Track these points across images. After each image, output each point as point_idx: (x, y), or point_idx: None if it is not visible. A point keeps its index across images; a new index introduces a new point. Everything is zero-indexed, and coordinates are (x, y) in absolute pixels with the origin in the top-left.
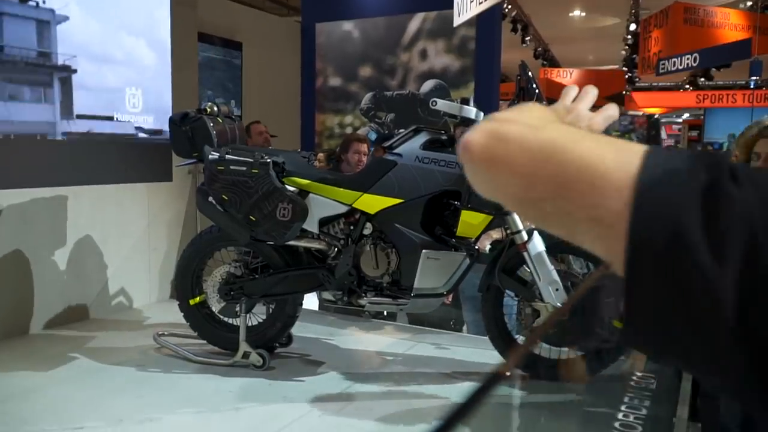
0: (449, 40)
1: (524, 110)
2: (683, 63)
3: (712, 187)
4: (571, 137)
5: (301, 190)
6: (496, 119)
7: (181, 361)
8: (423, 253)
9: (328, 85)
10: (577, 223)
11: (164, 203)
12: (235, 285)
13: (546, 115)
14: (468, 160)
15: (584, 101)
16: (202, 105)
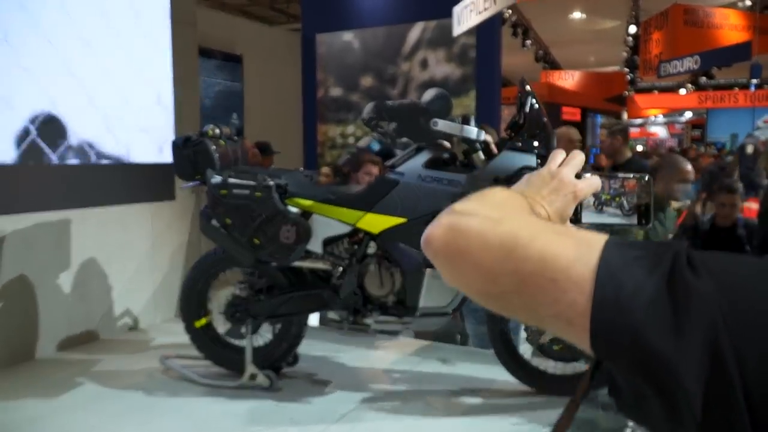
0: (449, 49)
1: (486, 198)
2: (684, 65)
3: (671, 281)
4: (531, 230)
5: (305, 210)
6: (455, 211)
7: (188, 384)
8: (427, 272)
9: (329, 96)
10: (542, 318)
11: (168, 223)
12: (241, 306)
13: (508, 201)
14: (430, 254)
15: (570, 166)
16: (204, 128)
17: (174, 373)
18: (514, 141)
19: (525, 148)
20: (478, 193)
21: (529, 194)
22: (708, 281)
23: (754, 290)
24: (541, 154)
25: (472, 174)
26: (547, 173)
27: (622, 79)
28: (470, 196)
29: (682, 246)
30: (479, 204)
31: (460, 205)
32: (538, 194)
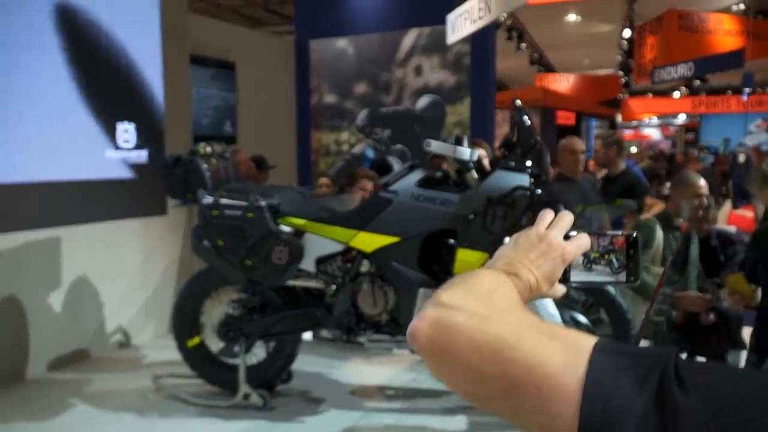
0: (444, 56)
1: (473, 286)
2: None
3: (659, 397)
4: (519, 330)
5: (297, 229)
6: (441, 304)
7: (181, 403)
8: (420, 291)
9: (323, 103)
10: (529, 425)
11: (159, 237)
12: (234, 326)
13: (495, 290)
14: (417, 349)
15: (557, 228)
16: (195, 146)
17: (166, 393)
18: (507, 160)
19: (518, 168)
20: (465, 278)
21: (517, 258)
22: (694, 396)
23: (738, 403)
24: (534, 174)
25: (465, 194)
26: (535, 236)
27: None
28: (456, 280)
29: (671, 357)
30: (466, 295)
31: (447, 295)
32: (526, 258)
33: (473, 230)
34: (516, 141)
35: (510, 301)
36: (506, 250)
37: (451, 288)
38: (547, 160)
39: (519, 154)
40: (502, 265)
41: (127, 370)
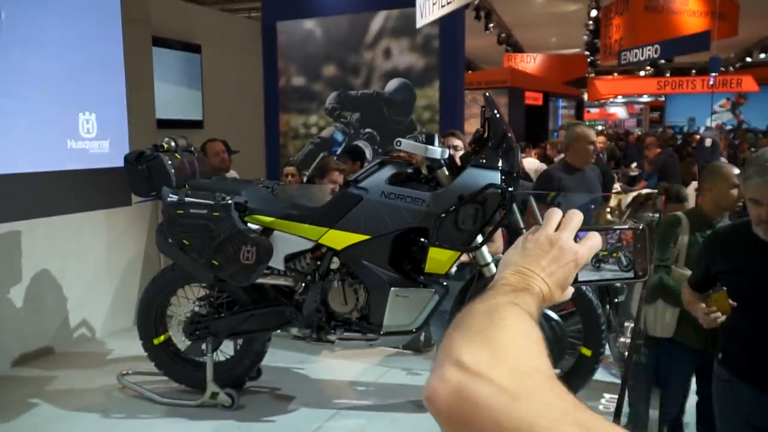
0: (413, 39)
1: (501, 346)
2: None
3: None
4: (550, 419)
5: (266, 227)
6: (464, 368)
7: (147, 403)
8: (392, 290)
9: (291, 85)
10: None
11: (124, 228)
12: (201, 324)
13: (524, 346)
14: (433, 413)
15: (567, 229)
16: (159, 141)
17: (132, 392)
18: (479, 157)
19: (489, 165)
20: (487, 327)
21: (527, 266)
22: None
23: None
24: (505, 170)
25: (436, 192)
26: (545, 239)
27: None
28: (475, 327)
29: None
30: (492, 359)
31: (470, 355)
32: (537, 265)
33: (445, 229)
34: (487, 136)
35: (542, 371)
36: (514, 256)
37: (473, 343)
38: (519, 156)
39: (490, 150)
40: (512, 275)
41: (91, 366)
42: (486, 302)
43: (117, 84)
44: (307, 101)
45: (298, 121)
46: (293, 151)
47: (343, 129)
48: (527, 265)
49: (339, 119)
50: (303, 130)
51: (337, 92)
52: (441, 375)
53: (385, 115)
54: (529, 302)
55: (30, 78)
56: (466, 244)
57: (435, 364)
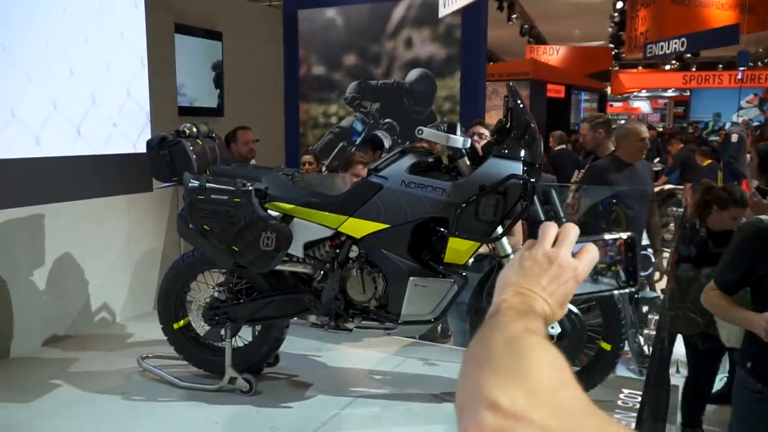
0: (435, 29)
1: (530, 374)
2: (671, 47)
3: None
4: None
5: (285, 214)
6: (502, 411)
7: (166, 386)
8: (410, 280)
9: (311, 74)
10: None
11: (145, 214)
12: (220, 309)
13: (557, 377)
14: None
15: (565, 245)
16: (181, 127)
17: (152, 375)
18: (500, 147)
19: (511, 155)
20: (515, 362)
21: (527, 286)
22: None
23: None
24: (527, 161)
25: (457, 182)
26: (542, 257)
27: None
28: (503, 363)
29: None
30: (530, 398)
31: (505, 396)
32: (537, 285)
33: (465, 219)
34: (510, 126)
35: (581, 404)
36: (512, 276)
37: (505, 382)
38: (541, 147)
39: (512, 140)
40: (513, 297)
41: (112, 349)
42: (500, 332)
43: (140, 70)
44: (328, 90)
45: (318, 111)
46: (312, 141)
47: (363, 119)
48: (527, 285)
49: (359, 109)
50: (323, 120)
51: (357, 82)
52: (477, 421)
53: (405, 106)
54: (539, 326)
55: (55, 64)
56: (486, 234)
57: (463, 409)
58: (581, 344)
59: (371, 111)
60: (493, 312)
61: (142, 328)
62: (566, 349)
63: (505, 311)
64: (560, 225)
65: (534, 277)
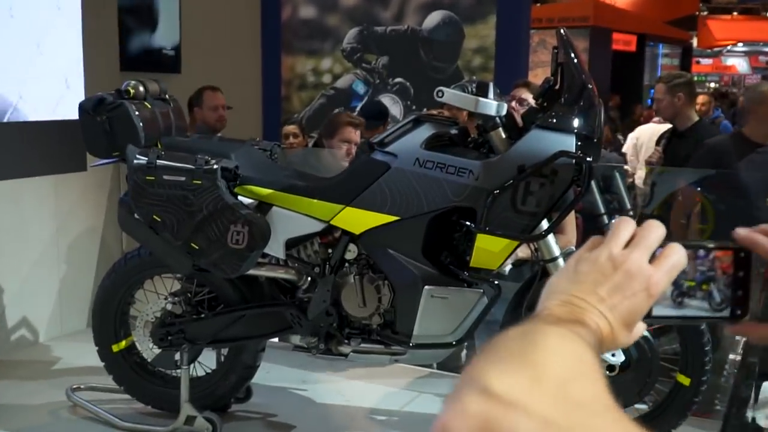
0: None
1: (537, 359)
2: None
3: None
4: None
5: (262, 202)
6: (492, 394)
7: (103, 426)
8: (425, 289)
9: (298, 18)
10: None
11: (77, 200)
12: (174, 327)
13: (573, 368)
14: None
15: (640, 248)
16: (123, 85)
17: (85, 412)
18: (547, 115)
19: (561, 126)
20: (522, 346)
21: (579, 294)
22: None
23: None
24: (583, 134)
25: (488, 160)
26: (606, 260)
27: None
28: (508, 348)
29: None
30: (531, 384)
31: (501, 380)
32: (594, 295)
33: (498, 210)
34: (559, 88)
35: (600, 400)
36: (562, 282)
37: (504, 365)
38: (602, 116)
39: (563, 106)
40: (559, 307)
41: (33, 378)
42: (521, 326)
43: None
44: (319, 40)
45: (306, 66)
46: (299, 106)
47: (366, 78)
48: (580, 293)
49: (360, 64)
50: (312, 78)
51: (358, 28)
52: (459, 407)
53: (421, 60)
54: (583, 333)
55: None
56: (527, 231)
57: (449, 395)
58: (652, 377)
59: (376, 67)
60: (529, 320)
61: (73, 351)
62: (632, 383)
63: (542, 317)
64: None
65: (591, 284)
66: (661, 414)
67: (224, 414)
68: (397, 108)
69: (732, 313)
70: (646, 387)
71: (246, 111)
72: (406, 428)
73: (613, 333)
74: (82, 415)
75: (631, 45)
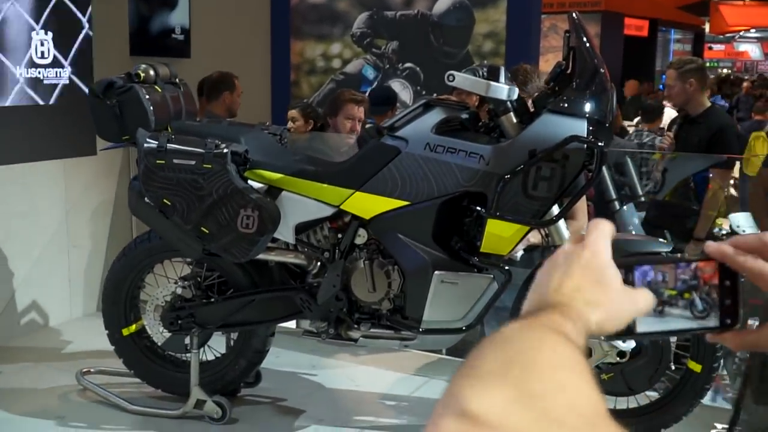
0: None
1: (521, 376)
2: None
3: None
4: None
5: (272, 186)
6: (469, 415)
7: (113, 410)
8: (435, 274)
9: (307, 2)
10: None
11: (87, 185)
12: (184, 311)
13: (556, 379)
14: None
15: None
16: (134, 69)
17: (95, 395)
18: (558, 100)
19: (572, 111)
20: (503, 354)
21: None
22: None
23: None
24: (594, 119)
25: (499, 145)
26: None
27: None
28: (486, 357)
29: None
30: (510, 405)
31: (478, 400)
32: (571, 288)
33: (509, 194)
34: (570, 72)
35: (584, 412)
36: (541, 281)
37: (482, 383)
38: (614, 101)
39: (574, 90)
40: (540, 308)
41: (43, 361)
42: (501, 334)
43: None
44: (329, 24)
45: (316, 51)
46: (308, 91)
47: (376, 63)
48: (559, 289)
49: (370, 49)
50: (322, 63)
51: (368, 13)
52: (436, 426)
53: (432, 45)
54: (568, 329)
55: None
56: (538, 216)
57: (431, 417)
58: (663, 364)
59: (386, 52)
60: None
61: (83, 335)
62: (643, 370)
63: (523, 322)
64: (638, 205)
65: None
66: (672, 401)
67: (234, 398)
68: (407, 93)
69: (722, 322)
70: (657, 374)
71: (255, 96)
72: (416, 413)
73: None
74: (92, 398)
75: (643, 30)
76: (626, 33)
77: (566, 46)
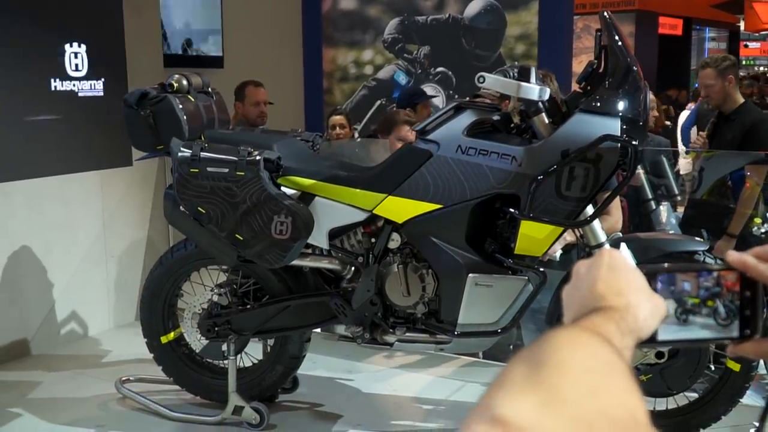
0: None
1: (553, 377)
2: None
3: None
4: None
5: (304, 192)
6: (502, 424)
7: (153, 417)
8: (470, 277)
9: (338, 9)
10: None
11: (123, 195)
12: (221, 318)
13: (593, 386)
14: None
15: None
16: (167, 80)
17: (134, 403)
18: (591, 99)
19: (605, 110)
20: (536, 362)
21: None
22: None
23: None
24: (628, 118)
25: (531, 146)
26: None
27: None
28: (520, 365)
29: None
30: (542, 409)
31: (509, 406)
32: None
33: (542, 195)
34: (603, 71)
35: (617, 417)
36: (573, 291)
37: (515, 388)
38: (648, 99)
39: (607, 89)
40: (580, 313)
41: (83, 370)
42: (535, 342)
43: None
44: (360, 31)
45: (348, 58)
46: (341, 98)
47: (408, 68)
48: (595, 293)
49: (402, 55)
50: (354, 70)
51: (399, 18)
52: (467, 429)
53: (463, 49)
54: (611, 330)
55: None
56: (571, 217)
57: (462, 424)
58: (701, 364)
59: (418, 57)
60: None
61: (122, 344)
62: (682, 370)
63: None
64: (674, 205)
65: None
66: (712, 400)
67: (271, 404)
68: (441, 98)
69: (741, 333)
70: (695, 373)
71: (288, 104)
72: (453, 417)
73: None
74: (132, 406)
75: (677, 29)
76: (661, 32)
77: (598, 45)
